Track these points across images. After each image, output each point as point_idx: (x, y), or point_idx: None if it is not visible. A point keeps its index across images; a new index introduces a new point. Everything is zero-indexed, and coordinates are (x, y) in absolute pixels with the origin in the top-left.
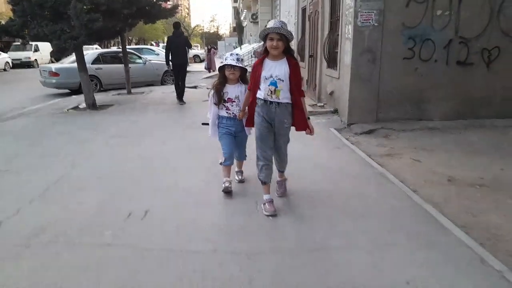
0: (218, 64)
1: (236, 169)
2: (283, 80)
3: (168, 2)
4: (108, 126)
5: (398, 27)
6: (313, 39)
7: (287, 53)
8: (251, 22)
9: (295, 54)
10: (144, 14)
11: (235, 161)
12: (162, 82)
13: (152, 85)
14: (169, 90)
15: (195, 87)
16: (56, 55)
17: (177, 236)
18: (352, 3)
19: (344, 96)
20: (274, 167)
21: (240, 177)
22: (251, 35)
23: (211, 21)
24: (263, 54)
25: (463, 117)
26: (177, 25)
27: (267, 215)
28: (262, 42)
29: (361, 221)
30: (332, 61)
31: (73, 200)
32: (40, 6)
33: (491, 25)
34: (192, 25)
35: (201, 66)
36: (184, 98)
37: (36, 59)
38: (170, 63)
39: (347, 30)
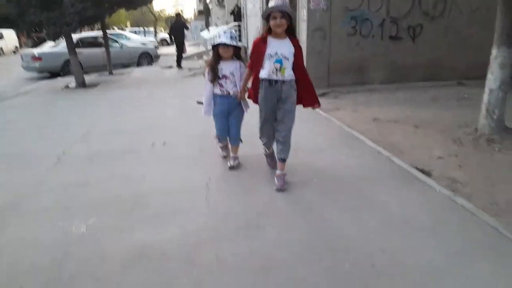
0: (187, 46)
1: (231, 154)
2: (288, 59)
3: None
4: (106, 98)
5: (343, 10)
6: None
7: (289, 32)
8: (216, 5)
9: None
10: (128, 1)
11: (229, 145)
12: (138, 64)
13: (129, 66)
14: (148, 70)
15: (170, 67)
16: (52, 39)
17: (193, 150)
18: None
19: None
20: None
21: (232, 162)
22: (218, 18)
23: (174, 5)
24: (265, 33)
25: (395, 81)
26: (177, 15)
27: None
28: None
29: (311, 140)
30: None
31: (107, 140)
32: None
33: (414, 7)
34: (155, 9)
35: (170, 50)
36: (164, 77)
37: (1, 47)
38: (173, 39)
39: (303, 13)
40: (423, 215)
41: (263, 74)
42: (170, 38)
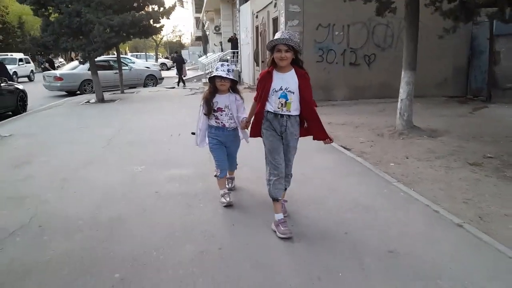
0: (187, 70)
1: (227, 176)
2: (293, 92)
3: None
4: (126, 109)
5: (312, 42)
6: (263, 49)
7: (295, 63)
8: (214, 33)
9: (269, 60)
10: (143, 32)
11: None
12: (145, 85)
13: (136, 87)
14: (154, 90)
15: (173, 87)
16: (83, 62)
17: None
18: (284, 27)
19: None
20: None
21: (230, 184)
22: (215, 45)
23: (172, 31)
24: (271, 66)
25: (354, 98)
26: (179, 51)
27: (282, 238)
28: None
29: None
30: None
31: (137, 134)
32: (67, 27)
33: (368, 40)
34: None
35: (170, 73)
36: (169, 95)
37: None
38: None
39: None
40: (334, 164)
41: (269, 108)
42: (173, 65)
